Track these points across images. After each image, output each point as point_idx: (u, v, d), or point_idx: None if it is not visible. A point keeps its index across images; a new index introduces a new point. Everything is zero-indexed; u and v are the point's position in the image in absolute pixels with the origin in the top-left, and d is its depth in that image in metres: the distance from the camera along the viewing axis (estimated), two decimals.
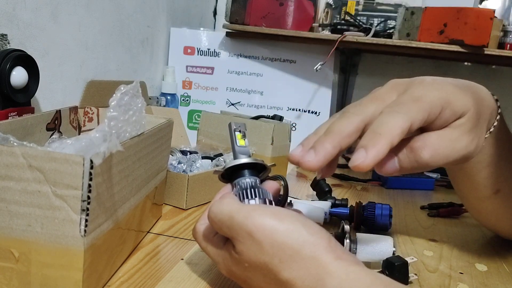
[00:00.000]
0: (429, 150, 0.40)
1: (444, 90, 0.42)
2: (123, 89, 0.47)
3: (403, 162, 0.41)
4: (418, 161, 0.41)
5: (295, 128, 1.10)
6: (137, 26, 0.98)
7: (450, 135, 0.41)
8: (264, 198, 0.42)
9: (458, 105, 0.41)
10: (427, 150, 0.40)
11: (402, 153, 0.41)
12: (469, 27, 0.90)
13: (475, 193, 0.54)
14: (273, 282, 0.37)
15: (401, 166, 0.41)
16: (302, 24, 1.05)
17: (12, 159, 0.35)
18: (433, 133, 0.41)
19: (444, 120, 0.41)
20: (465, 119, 0.42)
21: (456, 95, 0.42)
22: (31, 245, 0.36)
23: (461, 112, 0.41)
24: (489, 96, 0.47)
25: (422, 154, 0.40)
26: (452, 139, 0.41)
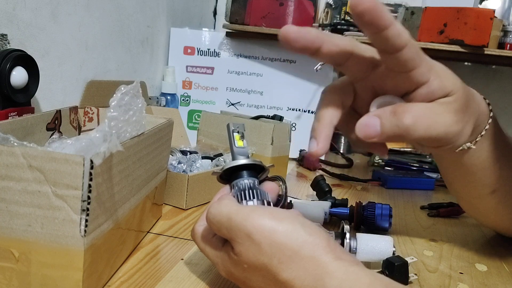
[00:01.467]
0: (411, 116, 0.40)
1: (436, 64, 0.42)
2: (123, 89, 0.47)
3: (385, 126, 0.40)
4: (399, 126, 0.40)
5: (295, 128, 1.10)
6: (137, 26, 0.98)
7: (435, 108, 0.41)
8: (263, 199, 0.42)
9: (448, 82, 0.41)
10: (409, 115, 0.40)
11: (385, 117, 0.41)
12: (469, 27, 0.90)
13: (472, 193, 0.54)
14: (273, 283, 0.37)
15: (383, 130, 0.40)
16: (302, 24, 1.05)
17: (12, 159, 0.35)
18: (418, 103, 0.41)
19: (432, 92, 0.41)
20: (452, 98, 0.41)
21: (447, 73, 0.42)
22: (31, 245, 0.36)
23: (450, 90, 0.41)
24: (481, 99, 0.47)
25: (404, 118, 0.40)
26: (436, 112, 0.41)
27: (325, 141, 0.41)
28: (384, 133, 0.40)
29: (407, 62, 0.39)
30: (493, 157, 0.49)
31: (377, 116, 0.41)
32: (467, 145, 0.46)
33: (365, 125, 0.41)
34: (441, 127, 0.41)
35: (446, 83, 0.41)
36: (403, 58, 0.39)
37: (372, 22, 0.36)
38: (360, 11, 0.36)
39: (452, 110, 0.41)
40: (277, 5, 1.04)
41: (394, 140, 0.42)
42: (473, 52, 0.92)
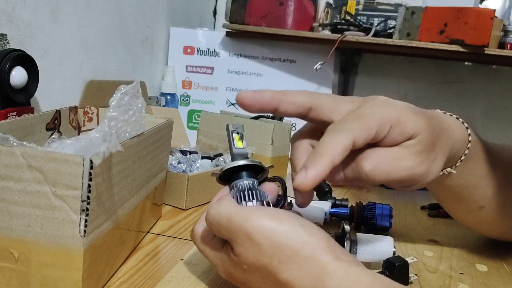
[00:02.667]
0: (371, 163, 0.40)
1: (395, 109, 0.41)
2: (123, 89, 0.47)
3: (347, 172, 0.42)
4: (359, 172, 0.41)
5: (295, 128, 1.10)
6: (137, 26, 0.98)
7: (396, 153, 0.41)
8: (262, 199, 0.42)
9: (408, 125, 0.41)
10: (368, 162, 0.40)
11: (347, 164, 0.42)
12: (469, 27, 0.90)
13: (460, 209, 0.54)
14: (273, 283, 0.36)
15: (345, 175, 0.42)
16: (302, 24, 1.05)
17: (11, 159, 0.35)
18: (379, 148, 0.41)
19: (393, 139, 0.41)
20: (415, 141, 0.41)
21: (408, 116, 0.41)
22: (31, 245, 0.36)
23: (411, 133, 0.41)
24: (456, 127, 0.46)
25: (363, 165, 0.40)
26: (398, 157, 0.41)
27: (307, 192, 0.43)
28: (347, 178, 0.42)
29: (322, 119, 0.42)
30: (477, 177, 0.49)
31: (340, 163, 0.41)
32: (448, 170, 0.47)
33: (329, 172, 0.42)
34: (403, 171, 0.41)
35: (406, 128, 0.41)
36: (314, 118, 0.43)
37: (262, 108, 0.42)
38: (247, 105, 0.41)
39: (415, 152, 0.41)
40: (277, 5, 1.04)
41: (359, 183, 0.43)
42: (474, 52, 0.92)
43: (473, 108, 1.27)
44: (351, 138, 0.39)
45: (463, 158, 0.47)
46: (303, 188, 0.38)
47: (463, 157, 0.47)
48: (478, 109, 1.27)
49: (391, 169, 0.41)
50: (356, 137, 0.39)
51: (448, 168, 0.47)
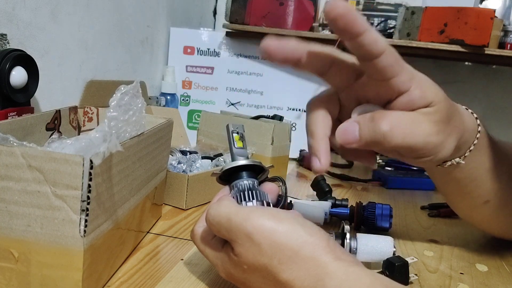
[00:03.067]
0: (388, 122, 0.40)
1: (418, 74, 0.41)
2: (123, 89, 0.47)
3: (363, 131, 0.41)
4: (376, 131, 0.40)
5: (295, 128, 1.10)
6: (137, 26, 0.98)
7: (414, 116, 0.41)
8: (262, 200, 0.42)
9: (429, 91, 0.41)
10: (386, 121, 0.40)
11: (363, 123, 0.41)
12: (469, 27, 0.90)
13: (465, 203, 0.54)
14: (273, 283, 0.36)
15: (361, 135, 0.41)
16: (302, 24, 1.05)
17: (11, 159, 0.35)
18: (397, 111, 0.41)
19: (412, 101, 0.40)
20: (433, 109, 0.41)
21: (429, 83, 0.42)
22: (31, 245, 0.36)
23: (431, 100, 0.41)
24: (468, 115, 0.47)
25: (381, 124, 0.40)
26: (415, 120, 0.41)
27: (325, 156, 0.42)
28: (362, 139, 0.41)
29: (386, 69, 0.39)
30: (484, 170, 0.49)
31: (356, 122, 0.41)
32: (456, 160, 0.47)
33: (344, 131, 0.42)
34: (419, 137, 0.41)
35: (428, 94, 0.41)
36: (381, 65, 0.39)
37: (345, 28, 0.37)
38: (334, 16, 0.37)
39: (433, 120, 0.41)
40: (277, 4, 1.04)
41: (373, 147, 0.42)
42: (474, 52, 0.92)
43: (473, 108, 1.26)
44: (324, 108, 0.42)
45: (472, 148, 0.46)
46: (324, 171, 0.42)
47: (472, 147, 0.46)
48: (478, 109, 1.26)
49: (408, 132, 0.40)
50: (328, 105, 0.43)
51: (457, 158, 0.46)
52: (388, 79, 0.40)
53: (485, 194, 0.51)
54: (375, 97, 0.42)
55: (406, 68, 0.40)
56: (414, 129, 0.40)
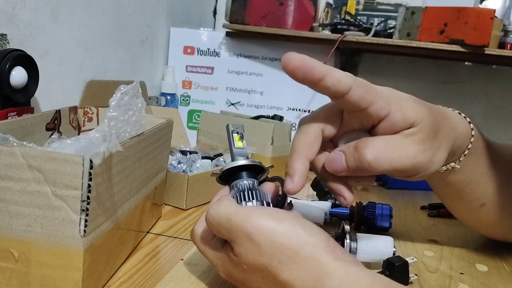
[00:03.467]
0: (373, 151, 0.40)
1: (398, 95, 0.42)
2: (123, 89, 0.47)
3: (349, 161, 0.41)
4: (361, 161, 0.40)
5: (295, 128, 1.10)
6: (137, 26, 0.98)
7: (398, 141, 0.41)
8: (262, 200, 0.42)
9: (410, 112, 0.41)
10: (370, 150, 0.40)
11: (348, 152, 0.41)
12: (469, 27, 0.90)
13: (462, 206, 0.54)
14: (273, 283, 0.36)
15: (348, 165, 0.41)
16: (302, 24, 1.05)
17: (11, 159, 0.35)
18: (380, 137, 0.41)
19: (394, 124, 0.41)
20: (417, 128, 0.41)
21: (409, 103, 0.42)
22: (31, 245, 0.36)
23: (413, 120, 0.41)
24: (459, 120, 0.46)
25: (365, 154, 0.40)
26: (399, 145, 0.41)
27: (299, 178, 0.42)
28: (350, 167, 0.41)
29: (358, 102, 0.40)
30: (480, 173, 0.49)
31: (342, 152, 0.42)
32: (452, 165, 0.47)
33: (331, 161, 0.42)
34: (406, 159, 0.41)
35: (409, 114, 0.41)
36: (353, 100, 0.39)
37: (306, 78, 0.38)
38: (291, 69, 0.38)
39: (418, 140, 0.41)
40: (277, 5, 1.04)
41: (362, 174, 0.42)
42: (474, 52, 0.92)
43: (473, 108, 1.27)
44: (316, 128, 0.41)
45: (466, 153, 0.46)
46: (294, 193, 0.41)
47: (467, 151, 0.46)
48: (478, 109, 1.27)
49: (393, 157, 0.40)
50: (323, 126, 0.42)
51: (452, 163, 0.47)
52: (364, 109, 0.40)
53: (481, 197, 0.51)
54: (359, 126, 0.43)
55: (381, 94, 0.41)
56: (399, 153, 0.41)
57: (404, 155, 0.41)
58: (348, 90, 0.39)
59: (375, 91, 0.40)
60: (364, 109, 0.40)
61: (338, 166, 0.42)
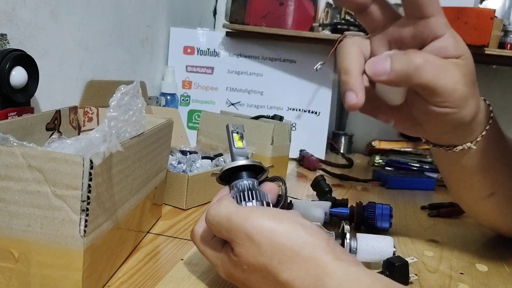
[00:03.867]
0: (422, 56, 0.40)
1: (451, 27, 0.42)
2: (123, 89, 0.47)
3: (395, 64, 0.40)
4: (408, 63, 0.40)
5: (295, 128, 1.10)
6: (137, 26, 0.98)
7: (446, 62, 0.41)
8: (262, 200, 0.42)
9: (461, 44, 0.42)
10: (420, 55, 0.40)
11: (396, 56, 0.41)
12: (469, 27, 0.90)
13: (470, 195, 0.54)
14: (273, 283, 0.36)
15: (393, 67, 0.40)
16: (302, 24, 1.05)
17: (11, 159, 0.35)
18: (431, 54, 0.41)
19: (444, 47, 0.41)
20: (464, 62, 0.42)
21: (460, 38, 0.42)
22: (31, 245, 0.36)
23: (462, 53, 0.41)
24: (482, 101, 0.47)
25: (414, 57, 0.40)
26: (448, 65, 0.41)
27: (362, 91, 0.41)
28: (393, 70, 0.40)
29: (426, 5, 0.40)
30: (492, 159, 0.49)
31: (388, 56, 0.41)
32: (468, 145, 0.46)
33: (375, 62, 0.41)
34: (449, 80, 0.41)
35: (460, 45, 0.42)
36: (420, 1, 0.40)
37: None
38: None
39: (463, 71, 0.41)
40: (277, 4, 1.04)
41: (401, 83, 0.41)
42: (474, 52, 0.91)
43: None
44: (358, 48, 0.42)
45: (484, 133, 0.47)
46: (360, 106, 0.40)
47: (484, 132, 0.47)
48: None
49: (439, 71, 0.40)
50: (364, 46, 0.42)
51: (468, 143, 0.46)
52: (428, 16, 0.40)
53: (490, 186, 0.51)
54: (410, 39, 0.42)
55: (443, 15, 0.41)
56: (445, 71, 0.41)
57: (449, 75, 0.41)
58: None
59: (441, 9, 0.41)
60: (427, 17, 0.40)
61: (381, 68, 0.40)
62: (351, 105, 0.40)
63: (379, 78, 0.41)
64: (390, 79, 0.40)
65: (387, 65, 0.40)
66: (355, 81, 0.41)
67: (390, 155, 1.10)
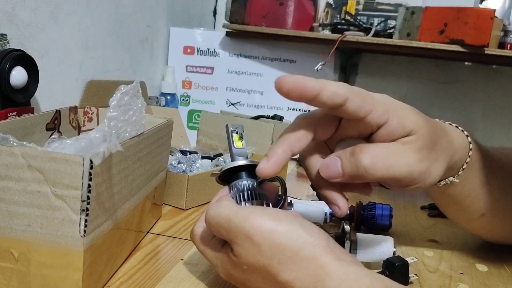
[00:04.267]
0: (370, 156, 0.40)
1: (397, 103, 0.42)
2: (123, 89, 0.47)
3: (345, 166, 0.41)
4: (357, 166, 0.40)
5: None
6: (137, 26, 0.98)
7: (395, 148, 0.41)
8: (262, 200, 0.42)
9: (408, 120, 0.41)
10: (367, 155, 0.40)
11: (344, 157, 0.41)
12: (469, 27, 0.90)
13: (462, 217, 0.54)
14: (272, 284, 0.36)
15: (344, 170, 0.41)
16: (302, 24, 1.05)
17: (11, 159, 0.35)
18: (378, 143, 0.41)
19: (392, 132, 0.41)
20: (414, 137, 0.41)
21: (408, 111, 0.42)
22: (31, 245, 0.36)
23: (411, 128, 0.41)
24: (457, 134, 0.46)
25: (362, 158, 0.40)
26: (397, 152, 0.41)
27: (275, 162, 0.41)
28: (345, 173, 0.41)
29: (356, 111, 0.40)
30: (478, 185, 0.49)
31: (337, 157, 0.41)
32: (450, 180, 0.47)
33: (326, 166, 0.42)
34: (403, 167, 0.40)
35: (406, 122, 0.41)
36: (350, 110, 0.39)
37: (301, 97, 0.39)
38: (286, 92, 0.38)
39: (415, 148, 0.41)
40: (277, 5, 1.04)
41: (357, 180, 0.41)
42: (474, 52, 0.92)
43: (473, 108, 1.27)
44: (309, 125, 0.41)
45: (465, 167, 0.46)
46: (265, 174, 0.40)
47: (465, 165, 0.46)
48: (478, 109, 1.27)
49: (390, 164, 0.40)
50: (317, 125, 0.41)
51: (451, 178, 0.46)
52: (362, 117, 0.40)
53: (480, 208, 0.51)
54: (357, 133, 0.43)
55: (379, 102, 0.40)
56: (396, 160, 0.40)
57: (401, 162, 0.40)
58: (345, 101, 0.39)
59: (372, 99, 0.40)
60: (362, 118, 0.40)
61: (333, 172, 0.41)
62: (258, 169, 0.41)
63: (335, 180, 0.42)
64: (344, 180, 0.41)
65: (338, 167, 0.41)
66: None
67: None
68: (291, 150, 0.42)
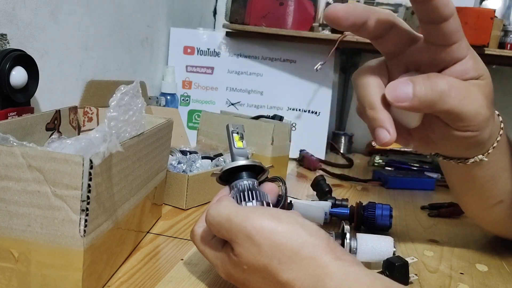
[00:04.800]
0: (447, 82, 0.39)
1: None
2: (123, 89, 0.47)
3: (418, 89, 0.38)
4: (433, 90, 0.38)
5: (295, 128, 1.10)
6: (136, 26, 0.98)
7: (469, 85, 0.40)
8: (262, 200, 0.42)
9: (481, 64, 0.41)
10: (444, 80, 0.39)
11: (418, 81, 0.39)
12: (469, 27, 0.90)
13: (479, 204, 0.54)
14: (272, 283, 0.36)
15: (415, 93, 0.38)
16: (302, 24, 1.05)
17: (11, 159, 0.35)
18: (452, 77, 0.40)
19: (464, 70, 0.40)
20: (484, 82, 0.41)
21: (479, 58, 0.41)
22: (31, 245, 0.36)
23: (482, 73, 0.41)
24: None
25: (439, 82, 0.38)
26: (471, 88, 0.40)
27: (393, 126, 0.39)
28: (416, 96, 0.38)
29: (451, 34, 0.38)
30: (502, 168, 0.49)
31: (409, 81, 0.39)
32: (479, 158, 0.46)
33: (395, 88, 0.39)
34: (474, 104, 0.40)
35: (480, 65, 0.41)
36: (448, 29, 0.38)
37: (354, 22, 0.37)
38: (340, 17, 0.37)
39: (484, 93, 0.41)
40: (277, 5, 1.04)
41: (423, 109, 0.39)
42: None
43: None
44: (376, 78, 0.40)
45: (495, 145, 0.46)
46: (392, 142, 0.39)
47: (495, 144, 0.46)
48: None
49: (464, 96, 0.39)
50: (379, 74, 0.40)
51: (480, 156, 0.46)
52: (451, 44, 0.39)
53: (499, 194, 0.51)
54: (430, 63, 0.41)
55: (465, 37, 0.40)
56: (470, 95, 0.40)
57: (473, 99, 0.40)
58: (450, 16, 0.37)
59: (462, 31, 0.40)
60: (451, 44, 0.39)
61: (402, 94, 0.39)
62: (384, 142, 0.39)
63: (401, 104, 0.39)
64: (412, 105, 0.39)
65: (409, 90, 0.38)
66: (383, 116, 0.39)
67: (390, 155, 1.10)
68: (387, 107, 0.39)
